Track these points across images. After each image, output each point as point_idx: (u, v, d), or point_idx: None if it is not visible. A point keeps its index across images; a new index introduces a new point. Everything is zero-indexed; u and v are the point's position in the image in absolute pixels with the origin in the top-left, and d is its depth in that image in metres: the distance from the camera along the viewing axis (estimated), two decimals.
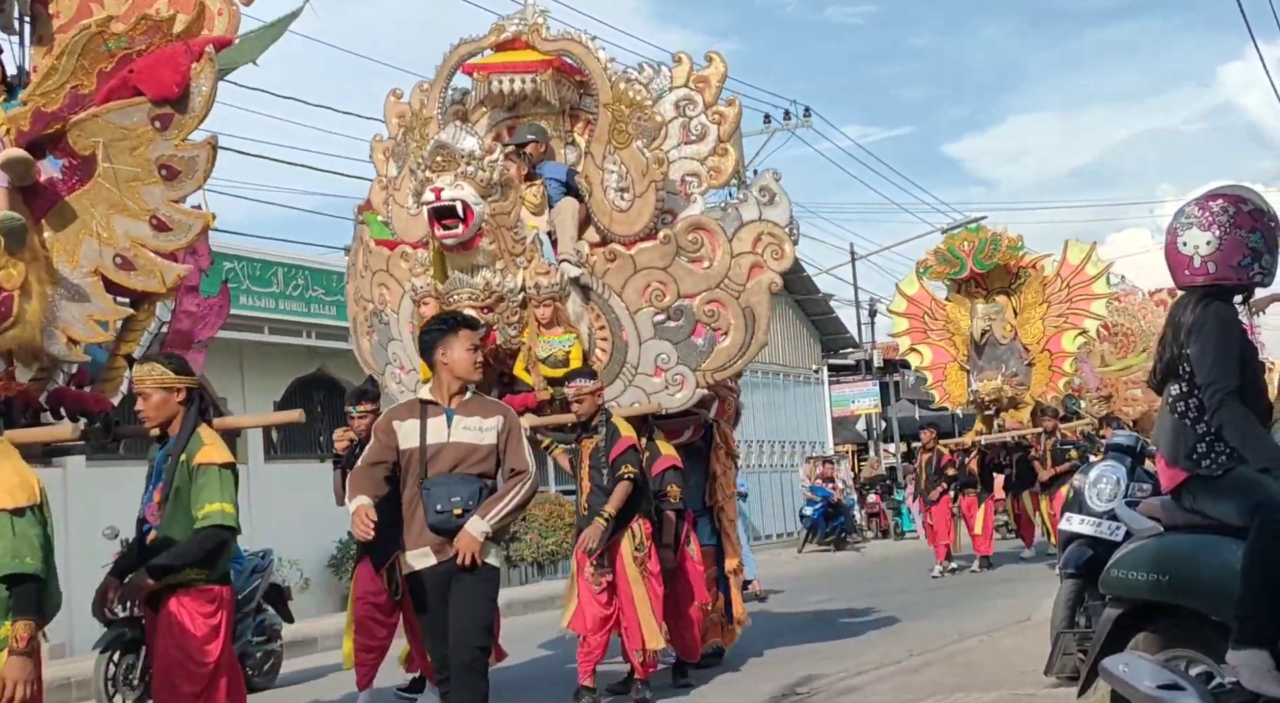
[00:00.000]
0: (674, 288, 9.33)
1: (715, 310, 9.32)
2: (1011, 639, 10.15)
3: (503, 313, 9.10)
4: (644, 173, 9.39)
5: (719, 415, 10.26)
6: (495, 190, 8.81)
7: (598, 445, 8.70)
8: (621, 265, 9.40)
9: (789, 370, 29.73)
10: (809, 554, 24.66)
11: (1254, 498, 4.44)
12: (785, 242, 9.37)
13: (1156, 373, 4.87)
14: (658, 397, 9.38)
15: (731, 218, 9.41)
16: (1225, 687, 4.48)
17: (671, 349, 9.36)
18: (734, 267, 9.31)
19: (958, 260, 19.01)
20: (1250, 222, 4.64)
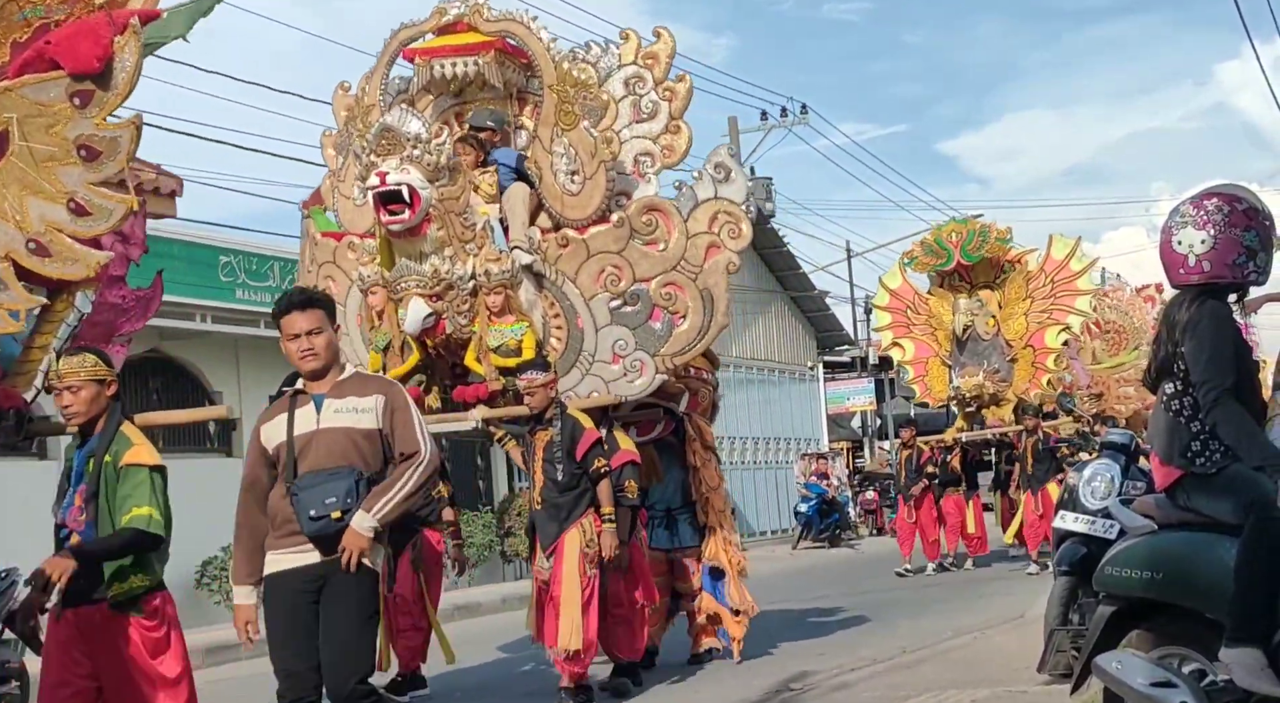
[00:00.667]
0: (629, 272, 9.13)
1: (672, 293, 9.11)
2: (1005, 636, 10.18)
3: (452, 301, 8.92)
4: (593, 153, 9.14)
5: (691, 408, 10.04)
6: (443, 174, 8.61)
7: (552, 439, 8.48)
8: (574, 251, 9.19)
9: (784, 367, 29.76)
10: (803, 551, 24.69)
11: (1248, 496, 4.45)
12: (742, 220, 9.20)
13: (1151, 371, 4.88)
14: (616, 385, 9.14)
15: (686, 197, 9.19)
16: (1218, 685, 4.48)
17: (629, 335, 9.13)
18: (690, 248, 9.11)
19: (945, 252, 18.73)
20: (1245, 220, 4.64)
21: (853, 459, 33.64)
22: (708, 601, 9.92)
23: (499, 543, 19.34)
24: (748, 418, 28.00)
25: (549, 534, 8.50)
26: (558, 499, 8.45)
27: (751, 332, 28.55)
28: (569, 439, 8.42)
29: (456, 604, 15.54)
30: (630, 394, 9.15)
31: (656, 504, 9.89)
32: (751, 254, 28.77)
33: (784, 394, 29.73)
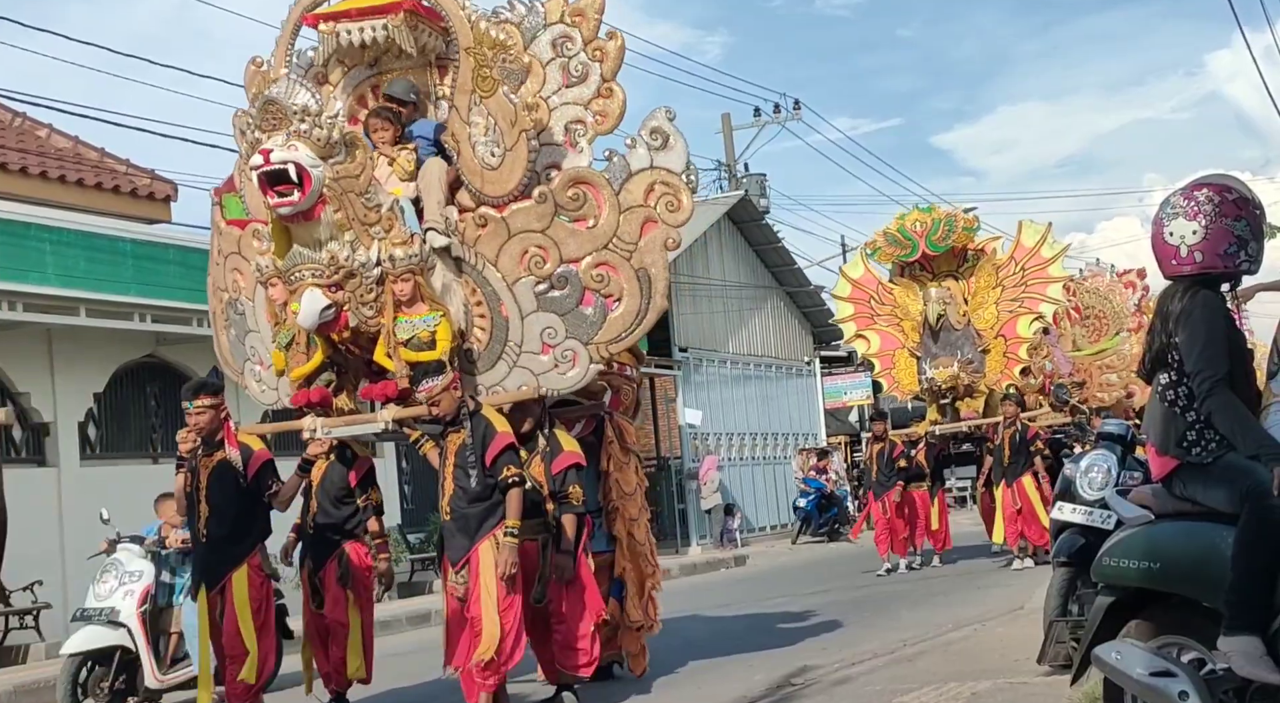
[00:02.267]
0: (555, 252, 8.28)
1: (605, 274, 8.25)
2: (1005, 628, 10.20)
3: (355, 291, 8.09)
4: (513, 122, 8.24)
5: (613, 407, 9.37)
6: (337, 150, 7.85)
7: (464, 442, 7.75)
8: (494, 230, 8.35)
9: (781, 363, 29.76)
10: (803, 546, 24.71)
11: (1244, 485, 4.46)
12: (682, 191, 8.23)
13: (1146, 362, 4.89)
14: (547, 377, 8.31)
15: (618, 168, 8.30)
16: (1217, 673, 4.50)
17: (558, 322, 8.28)
18: (623, 223, 8.23)
19: (909, 242, 18.09)
20: (1235, 210, 4.66)
21: (851, 454, 33.67)
22: (614, 608, 9.13)
23: None
24: (745, 414, 28.01)
25: (459, 548, 7.79)
26: (468, 509, 7.75)
27: (748, 328, 28.56)
28: (480, 443, 7.70)
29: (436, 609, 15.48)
30: (562, 387, 8.39)
31: None
32: (747, 250, 28.83)
33: (781, 390, 29.73)
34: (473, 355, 8.39)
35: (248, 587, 7.95)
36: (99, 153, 18.20)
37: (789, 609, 13.41)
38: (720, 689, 8.75)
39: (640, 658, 9.33)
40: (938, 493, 17.86)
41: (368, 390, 8.47)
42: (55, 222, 13.83)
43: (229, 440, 8.03)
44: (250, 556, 8.03)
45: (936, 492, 17.80)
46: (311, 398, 8.49)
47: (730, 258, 28.18)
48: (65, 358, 14.59)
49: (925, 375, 17.80)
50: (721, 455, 26.10)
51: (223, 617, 7.94)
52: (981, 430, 17.51)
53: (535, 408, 8.42)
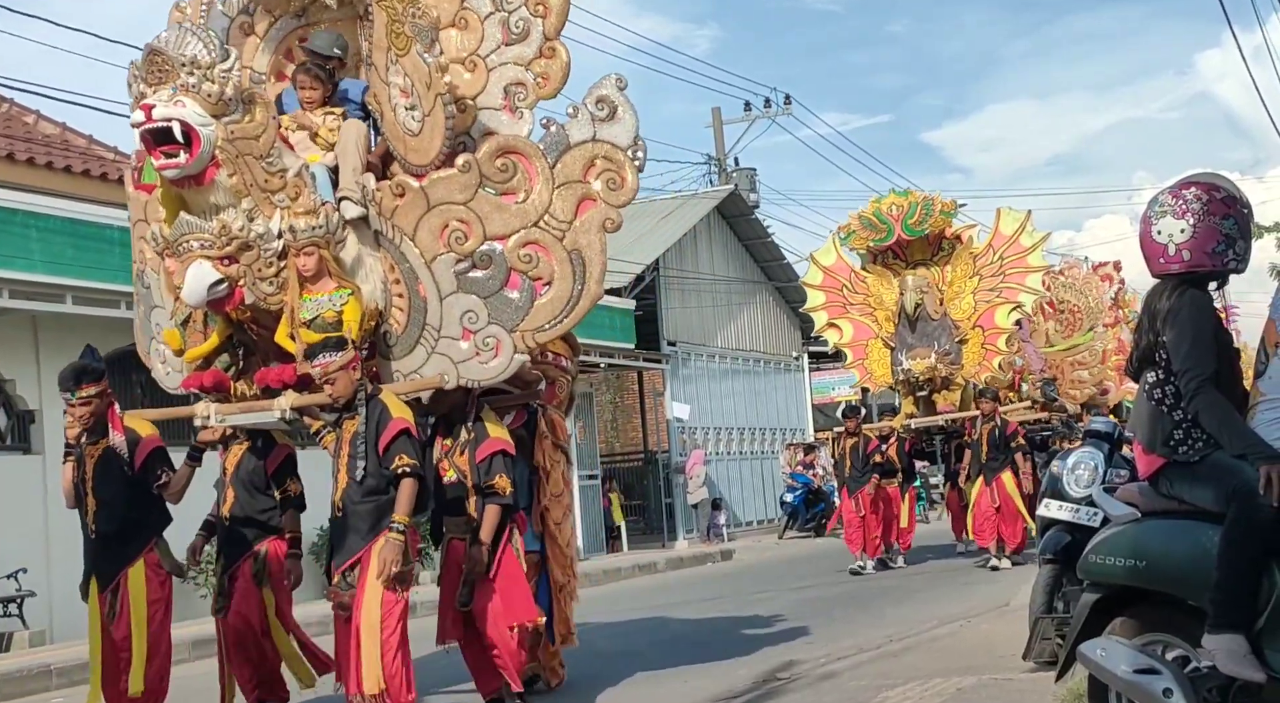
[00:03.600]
0: (479, 228, 7.52)
1: (533, 255, 7.49)
2: (990, 625, 10.22)
3: (252, 265, 7.31)
4: (428, 84, 7.35)
5: (546, 400, 8.62)
6: (233, 107, 7.06)
7: (358, 431, 6.95)
8: (412, 201, 7.57)
9: (769, 357, 29.77)
10: (790, 541, 24.73)
11: (1230, 483, 4.47)
12: (626, 168, 7.46)
13: (1133, 360, 4.90)
14: (467, 366, 7.57)
15: (556, 138, 7.54)
16: (1201, 671, 4.51)
17: (480, 305, 7.54)
18: (557, 200, 7.48)
19: (884, 226, 17.35)
20: (1223, 209, 4.67)
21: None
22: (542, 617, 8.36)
23: None
24: (733, 408, 28.01)
25: (349, 548, 6.93)
26: (360, 505, 6.90)
27: (736, 322, 28.56)
28: (374, 430, 6.91)
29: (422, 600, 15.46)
30: (483, 378, 7.60)
31: None
32: (736, 245, 28.82)
33: (769, 384, 29.74)
34: (390, 338, 7.68)
35: (145, 587, 7.23)
36: (87, 139, 18.11)
37: (775, 604, 13.42)
38: (705, 684, 8.75)
39: (557, 670, 8.70)
40: (908, 490, 17.27)
41: (262, 375, 7.67)
42: (42, 208, 13.73)
43: (114, 425, 7.27)
44: (145, 551, 7.31)
45: (907, 489, 17.18)
46: (204, 382, 7.82)
47: (719, 252, 28.17)
48: (52, 345, 14.50)
49: (901, 367, 17.18)
50: (709, 450, 26.11)
51: (115, 619, 7.19)
52: (958, 425, 16.98)
53: (458, 396, 7.70)
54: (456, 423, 7.84)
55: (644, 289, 24.60)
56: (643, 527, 26.24)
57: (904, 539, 17.13)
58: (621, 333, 23.28)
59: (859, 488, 16.11)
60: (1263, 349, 4.64)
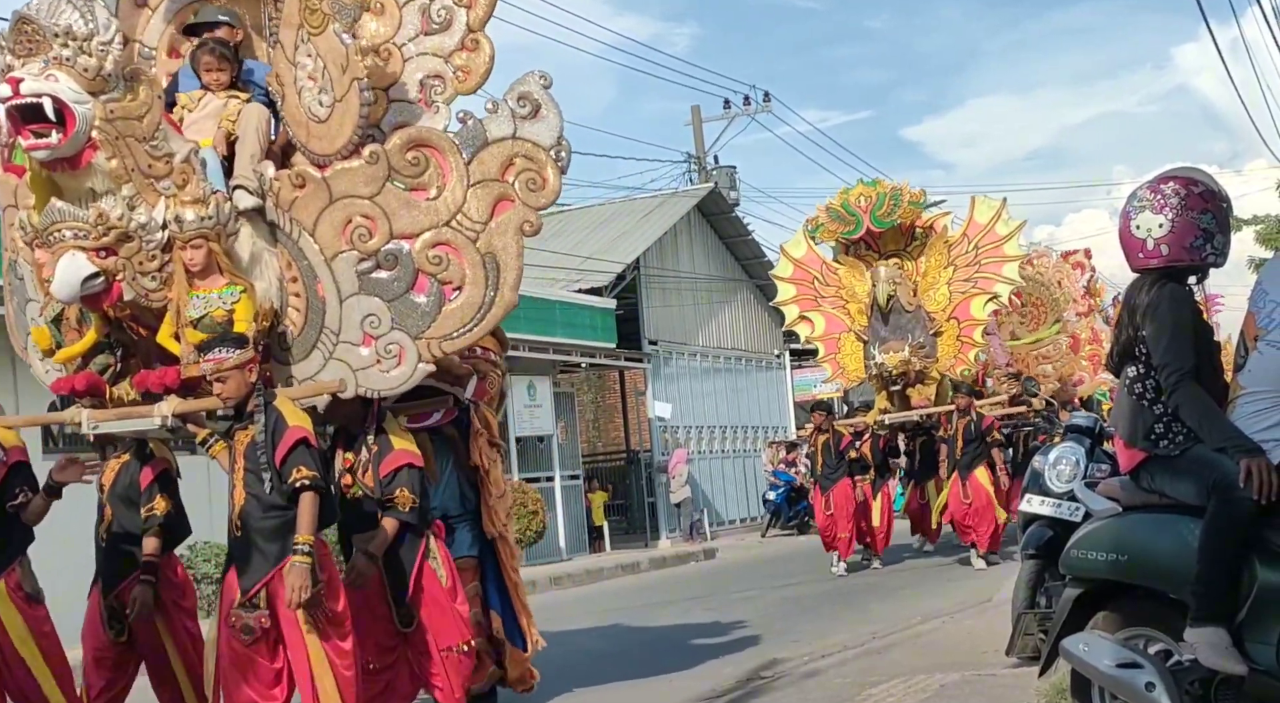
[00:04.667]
0: (385, 225, 6.90)
1: (443, 256, 6.86)
2: (973, 620, 10.24)
3: (132, 258, 6.71)
4: (344, 68, 6.75)
5: (477, 396, 8.05)
6: (113, 84, 6.47)
7: (254, 440, 6.27)
8: (313, 193, 6.95)
9: (750, 356, 29.79)
10: (772, 539, 24.75)
11: (1211, 477, 4.49)
12: (548, 167, 6.84)
13: (1114, 355, 4.92)
14: (367, 375, 6.91)
15: (473, 134, 6.94)
16: (1183, 665, 4.53)
17: (383, 308, 6.90)
18: (471, 199, 6.87)
19: (853, 218, 16.85)
20: (1202, 203, 4.69)
21: None
22: (496, 621, 7.98)
23: None
24: (715, 407, 28.02)
25: (253, 573, 6.20)
26: (263, 522, 6.21)
27: (717, 321, 28.57)
28: (271, 440, 6.25)
29: None
30: (383, 388, 6.97)
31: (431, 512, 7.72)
32: (716, 243, 28.84)
33: (751, 382, 29.76)
34: (285, 341, 7.05)
35: (18, 617, 6.44)
36: None
37: (758, 603, 13.44)
38: (689, 683, 8.75)
39: (526, 679, 8.12)
40: (882, 488, 16.66)
41: (142, 378, 7.00)
42: None
43: None
44: (5, 573, 6.49)
45: (880, 486, 16.59)
46: (76, 385, 7.10)
47: (700, 251, 28.18)
48: None
49: (874, 361, 16.63)
50: (691, 449, 26.12)
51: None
52: (933, 420, 16.55)
53: (356, 405, 7.07)
54: (357, 434, 7.17)
55: (625, 288, 24.60)
56: (625, 526, 26.24)
57: (877, 540, 16.51)
58: (603, 332, 23.28)
59: (831, 486, 15.71)
60: (1242, 343, 4.65)
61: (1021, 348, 21.31)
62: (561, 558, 21.27)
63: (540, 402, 21.72)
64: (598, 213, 28.64)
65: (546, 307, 22.11)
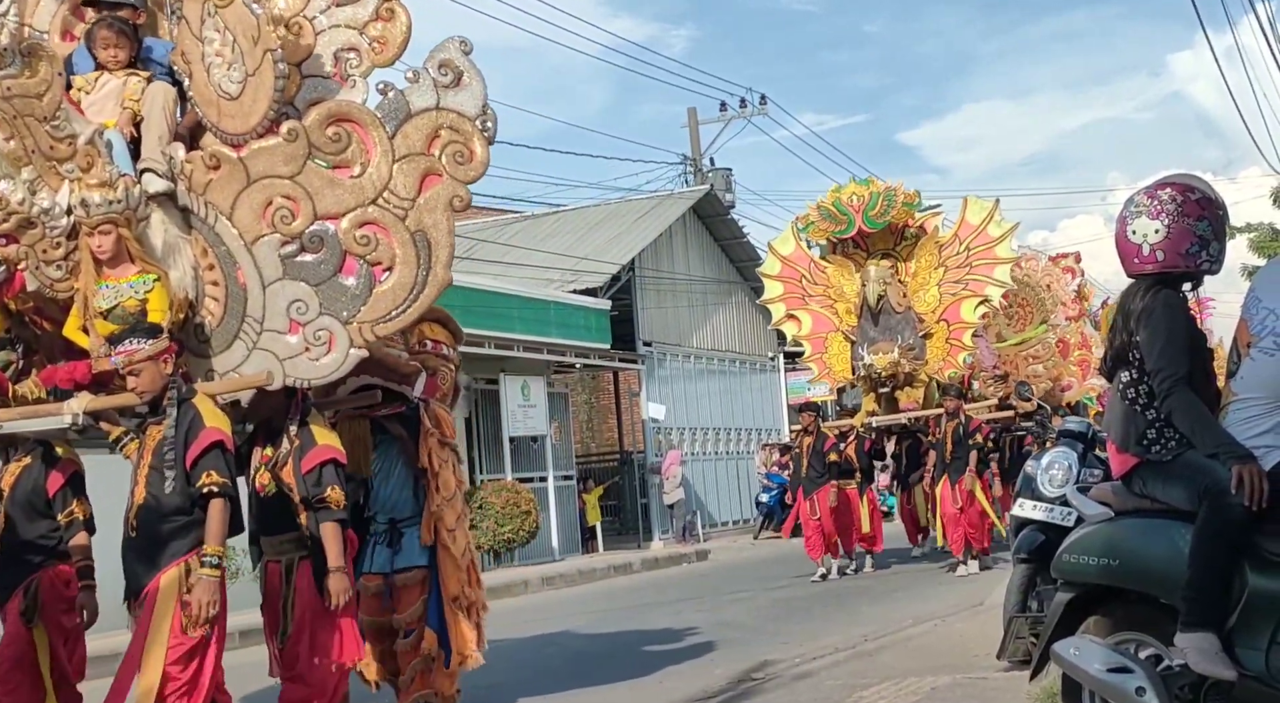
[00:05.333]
0: (308, 206, 6.50)
1: (371, 236, 6.47)
2: (965, 624, 10.25)
3: (35, 245, 6.36)
4: (255, 40, 6.39)
5: (428, 393, 7.62)
6: (9, 60, 6.14)
7: (165, 437, 5.84)
8: (229, 174, 6.56)
9: (744, 358, 29.80)
10: (765, 541, 24.75)
11: (1203, 482, 4.50)
12: (474, 138, 6.46)
13: (1107, 360, 4.93)
14: (295, 363, 6.49)
15: (395, 106, 6.54)
16: (1174, 669, 4.54)
17: (310, 294, 6.50)
18: (398, 175, 6.51)
19: (845, 217, 16.54)
20: (1198, 210, 4.70)
21: None
22: (431, 639, 7.38)
23: None
24: (709, 408, 28.03)
25: (139, 577, 5.78)
26: (159, 525, 5.76)
27: (711, 322, 28.58)
28: (183, 438, 5.83)
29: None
30: (314, 377, 6.55)
31: (378, 515, 7.47)
32: (712, 245, 28.85)
33: (744, 384, 29.76)
34: (203, 332, 6.62)
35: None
36: None
37: (750, 604, 13.44)
38: (681, 685, 8.75)
39: (454, 700, 7.55)
40: (867, 491, 16.38)
41: (50, 373, 6.67)
42: None
43: None
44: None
45: (866, 490, 16.29)
46: None
47: (695, 253, 28.19)
48: None
49: (863, 362, 16.33)
50: (684, 450, 26.12)
51: None
52: (921, 423, 16.26)
53: (280, 398, 6.60)
54: (279, 429, 6.64)
55: (619, 289, 24.61)
56: (618, 527, 26.25)
57: (866, 543, 16.26)
58: (597, 333, 23.28)
59: (815, 490, 15.40)
60: (1235, 349, 4.67)
61: (1008, 349, 21.08)
62: (554, 558, 21.27)
63: (534, 402, 21.72)
64: (593, 214, 28.65)
65: (541, 307, 22.13)
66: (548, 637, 11.79)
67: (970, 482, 15.10)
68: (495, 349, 20.77)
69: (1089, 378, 22.69)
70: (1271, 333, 4.50)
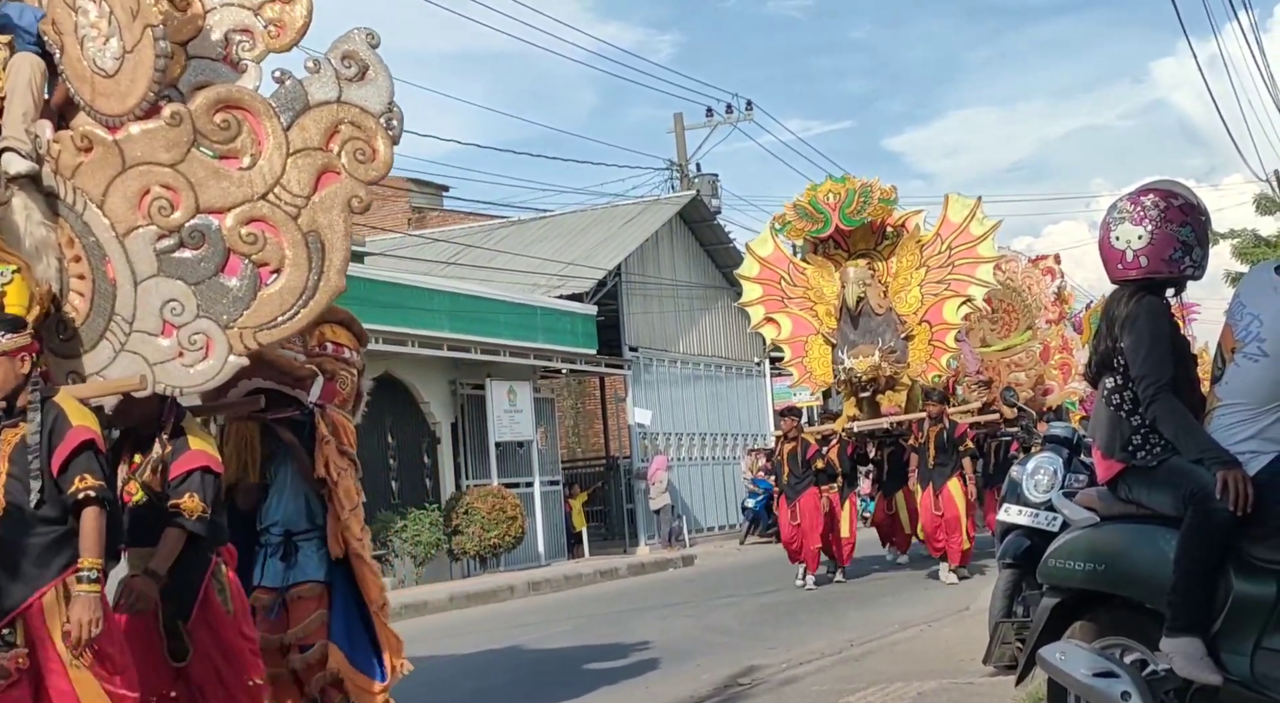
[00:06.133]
0: (190, 197, 5.85)
1: (259, 234, 5.85)
2: (951, 629, 10.27)
3: None
4: (134, 13, 5.81)
5: (325, 399, 7.11)
6: None
7: (24, 441, 5.28)
8: (102, 158, 5.91)
9: (731, 363, 29.83)
10: (751, 546, 24.77)
11: (1187, 488, 4.51)
12: (378, 136, 5.88)
13: (1092, 366, 4.95)
14: (167, 369, 5.84)
15: (292, 96, 5.91)
16: (1159, 674, 4.55)
17: (187, 293, 5.86)
18: (291, 170, 5.89)
19: (821, 216, 16.17)
20: (1181, 216, 4.72)
21: None
22: (336, 656, 6.75)
23: (446, 541, 19.31)
24: (694, 414, 28.05)
25: (10, 596, 5.16)
26: (30, 537, 5.19)
27: (698, 328, 28.60)
28: (48, 441, 5.28)
29: (405, 603, 15.50)
30: (187, 384, 5.96)
31: (272, 527, 6.90)
32: (698, 250, 28.87)
33: (730, 390, 29.79)
34: (65, 330, 6.03)
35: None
36: None
37: (736, 610, 13.45)
38: (667, 690, 8.75)
39: None
40: (849, 497, 15.96)
41: None
42: None
43: None
44: None
45: (848, 495, 15.88)
46: None
47: (681, 258, 28.22)
48: None
49: (843, 366, 15.95)
50: (671, 455, 26.13)
51: None
52: (904, 427, 15.80)
53: (152, 405, 6.01)
54: (149, 437, 6.08)
55: (606, 295, 24.63)
56: (604, 532, 26.24)
57: (843, 551, 15.80)
58: (583, 338, 23.30)
59: (797, 496, 15.05)
60: (1220, 355, 4.68)
61: (992, 355, 20.82)
62: (540, 564, 21.28)
63: (520, 407, 21.72)
64: (579, 219, 28.67)
65: (528, 312, 22.14)
66: (534, 642, 11.78)
67: (956, 488, 14.76)
68: (481, 354, 20.78)
69: (1069, 382, 22.63)
70: (1255, 338, 4.51)
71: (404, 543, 18.70)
